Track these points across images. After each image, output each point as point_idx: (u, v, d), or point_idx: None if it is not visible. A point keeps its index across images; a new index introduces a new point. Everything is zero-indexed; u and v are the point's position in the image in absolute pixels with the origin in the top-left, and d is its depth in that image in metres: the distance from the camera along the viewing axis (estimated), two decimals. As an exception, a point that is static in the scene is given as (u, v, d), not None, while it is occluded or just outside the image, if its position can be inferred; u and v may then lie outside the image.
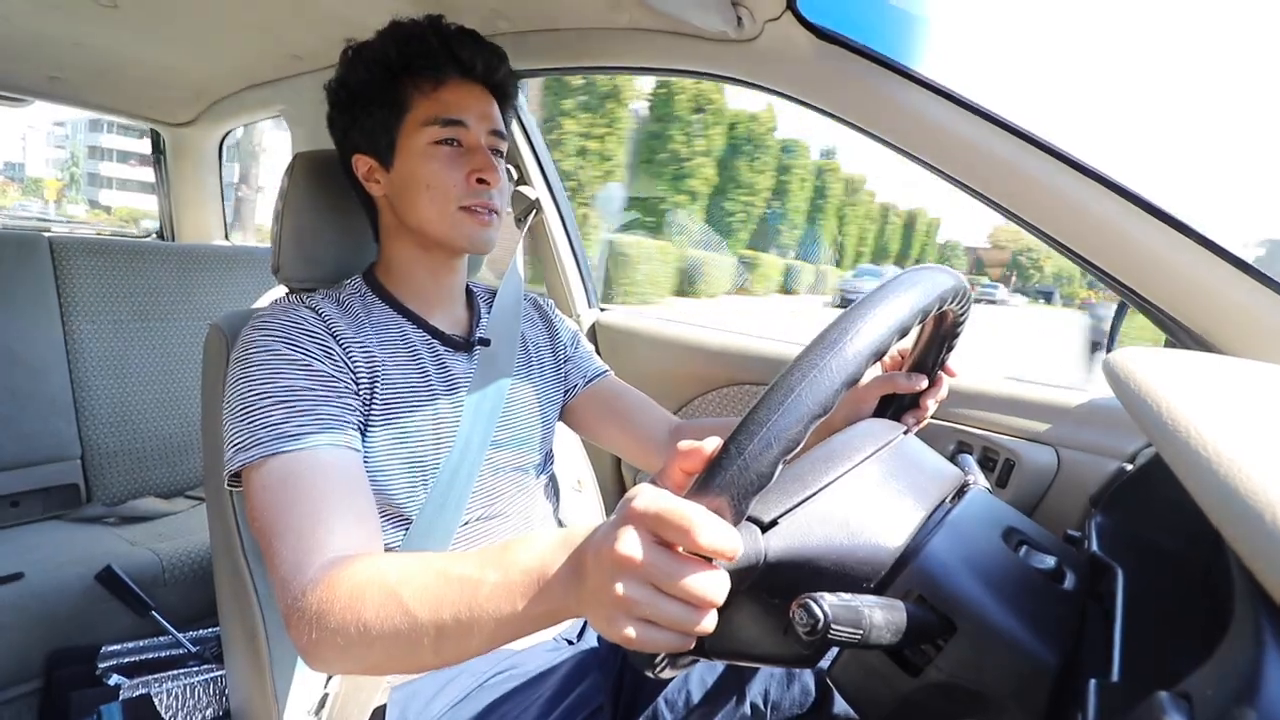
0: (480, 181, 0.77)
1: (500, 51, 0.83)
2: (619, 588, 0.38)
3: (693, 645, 0.41)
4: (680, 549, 0.39)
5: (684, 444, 0.45)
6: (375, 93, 0.78)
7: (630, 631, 0.39)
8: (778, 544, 0.42)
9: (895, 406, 0.74)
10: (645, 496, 0.39)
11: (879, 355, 0.43)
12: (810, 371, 0.40)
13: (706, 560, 0.39)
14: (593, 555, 0.41)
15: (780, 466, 0.39)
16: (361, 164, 0.80)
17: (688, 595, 0.38)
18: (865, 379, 0.74)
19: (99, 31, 1.34)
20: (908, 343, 0.74)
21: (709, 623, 0.39)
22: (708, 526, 0.37)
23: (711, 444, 0.43)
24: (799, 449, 0.40)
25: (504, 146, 0.83)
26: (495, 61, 0.82)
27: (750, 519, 0.43)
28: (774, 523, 0.43)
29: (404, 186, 0.78)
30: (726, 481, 0.39)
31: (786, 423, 0.39)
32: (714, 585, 0.38)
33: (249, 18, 1.24)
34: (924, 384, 0.72)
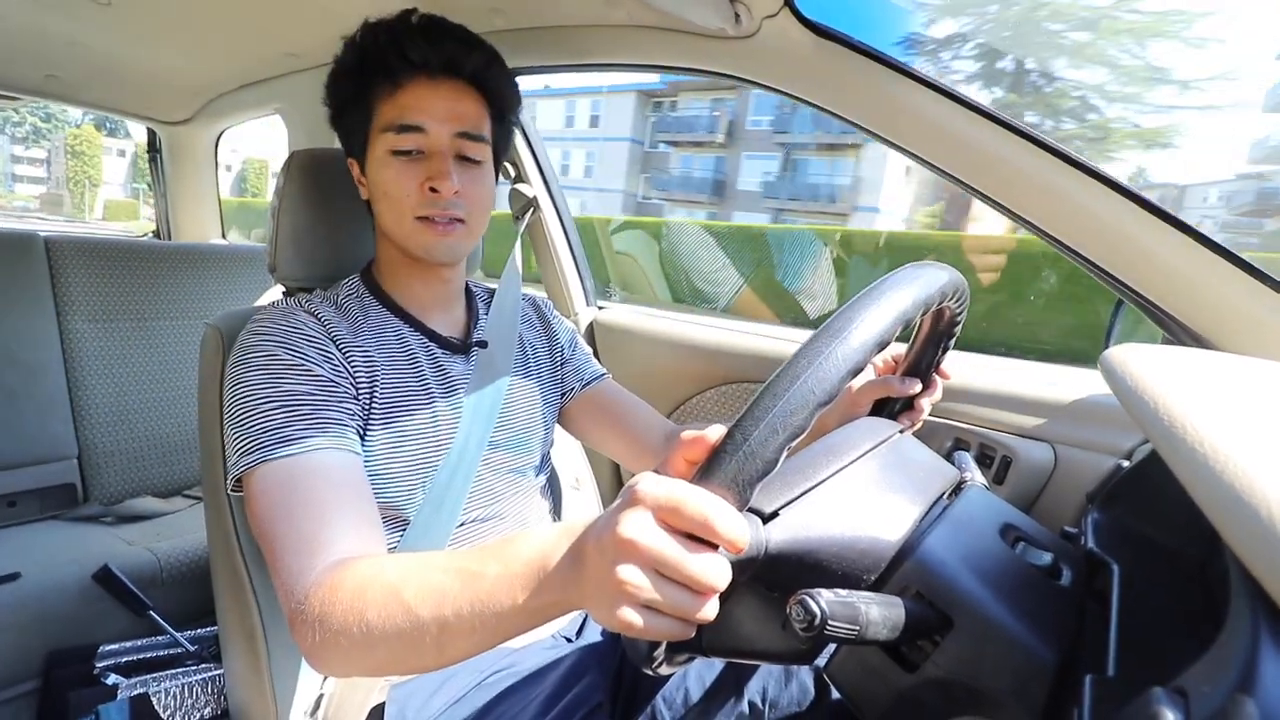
0: (432, 190, 0.73)
1: (471, 41, 0.77)
2: (621, 571, 0.38)
3: (693, 633, 0.41)
4: (682, 534, 0.38)
5: (687, 433, 0.45)
6: (347, 97, 0.78)
7: (632, 617, 0.39)
8: (779, 535, 0.42)
9: (889, 410, 0.74)
10: (650, 481, 0.39)
11: (883, 345, 0.43)
12: (816, 359, 0.41)
13: (709, 545, 0.39)
14: (594, 541, 0.41)
15: (785, 454, 0.39)
16: (354, 166, 0.81)
17: (690, 579, 0.38)
18: (859, 381, 0.74)
19: (95, 30, 1.34)
20: (902, 347, 0.74)
21: (710, 609, 0.39)
22: (723, 514, 0.37)
23: (715, 432, 0.43)
24: (803, 437, 0.40)
25: (477, 148, 0.77)
26: (460, 55, 0.75)
27: (751, 510, 0.43)
28: (775, 514, 0.43)
29: (372, 193, 0.78)
30: (731, 468, 0.39)
31: (791, 409, 0.39)
32: (717, 569, 0.38)
33: (245, 16, 1.24)
34: (918, 387, 0.72)
